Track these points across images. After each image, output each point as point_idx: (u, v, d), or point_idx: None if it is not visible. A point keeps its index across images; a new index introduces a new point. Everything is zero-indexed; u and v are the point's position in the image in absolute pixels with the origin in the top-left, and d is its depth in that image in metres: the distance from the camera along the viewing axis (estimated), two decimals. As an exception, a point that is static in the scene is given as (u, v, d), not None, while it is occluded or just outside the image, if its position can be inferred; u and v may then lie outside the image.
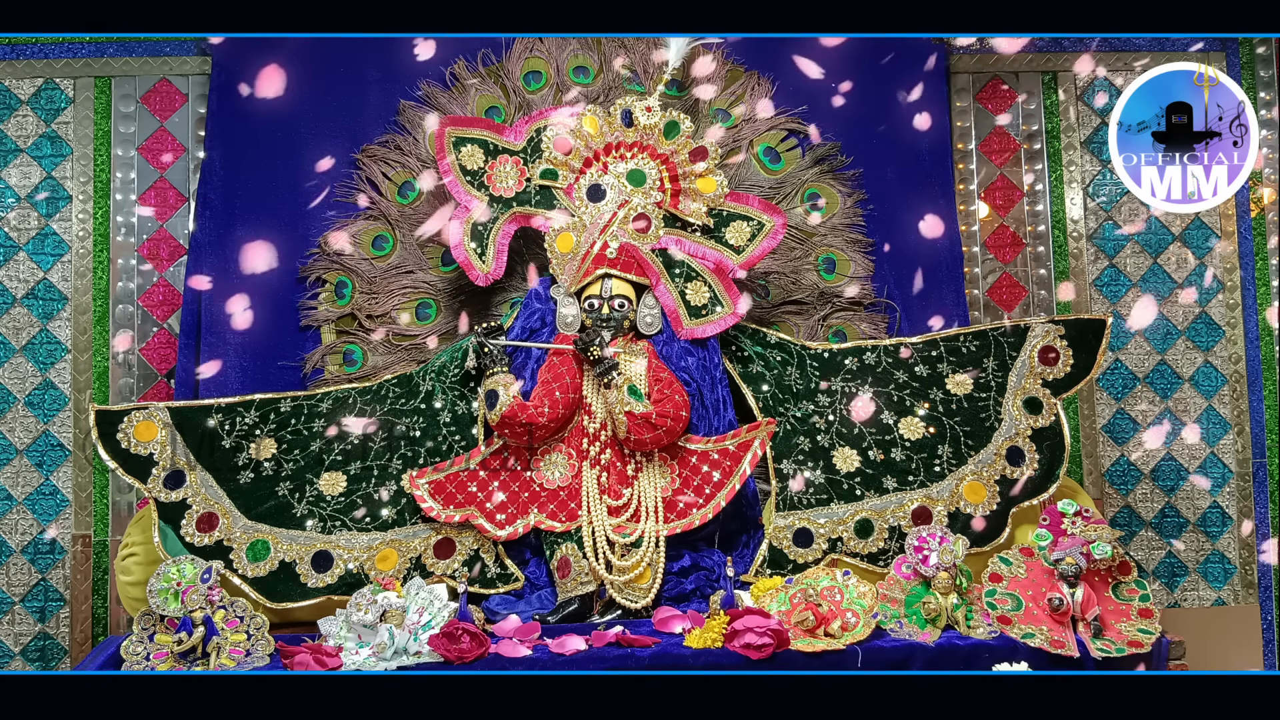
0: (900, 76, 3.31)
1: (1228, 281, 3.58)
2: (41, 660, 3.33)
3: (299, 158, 3.26)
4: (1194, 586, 3.55)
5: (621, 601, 2.88)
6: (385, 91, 3.30)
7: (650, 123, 3.10)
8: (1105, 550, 2.75)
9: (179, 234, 3.39)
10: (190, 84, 3.43)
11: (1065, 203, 3.58)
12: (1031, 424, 3.02)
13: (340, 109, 3.28)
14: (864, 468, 3.03)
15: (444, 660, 2.58)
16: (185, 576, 2.68)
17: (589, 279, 3.04)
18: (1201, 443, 3.54)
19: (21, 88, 3.41)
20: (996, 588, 2.76)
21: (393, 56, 3.27)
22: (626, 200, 3.07)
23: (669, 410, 2.91)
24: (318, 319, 3.25)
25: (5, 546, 3.33)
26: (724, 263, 3.10)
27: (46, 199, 3.31)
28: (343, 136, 3.29)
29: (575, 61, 3.35)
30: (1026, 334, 3.08)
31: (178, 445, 2.88)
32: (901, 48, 3.36)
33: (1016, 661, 2.55)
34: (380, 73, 3.29)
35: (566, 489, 2.95)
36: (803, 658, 2.58)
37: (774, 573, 2.96)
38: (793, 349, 3.15)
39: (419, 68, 3.29)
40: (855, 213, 3.38)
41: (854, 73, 3.25)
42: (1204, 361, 3.57)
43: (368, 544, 2.91)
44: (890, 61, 3.31)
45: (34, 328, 3.37)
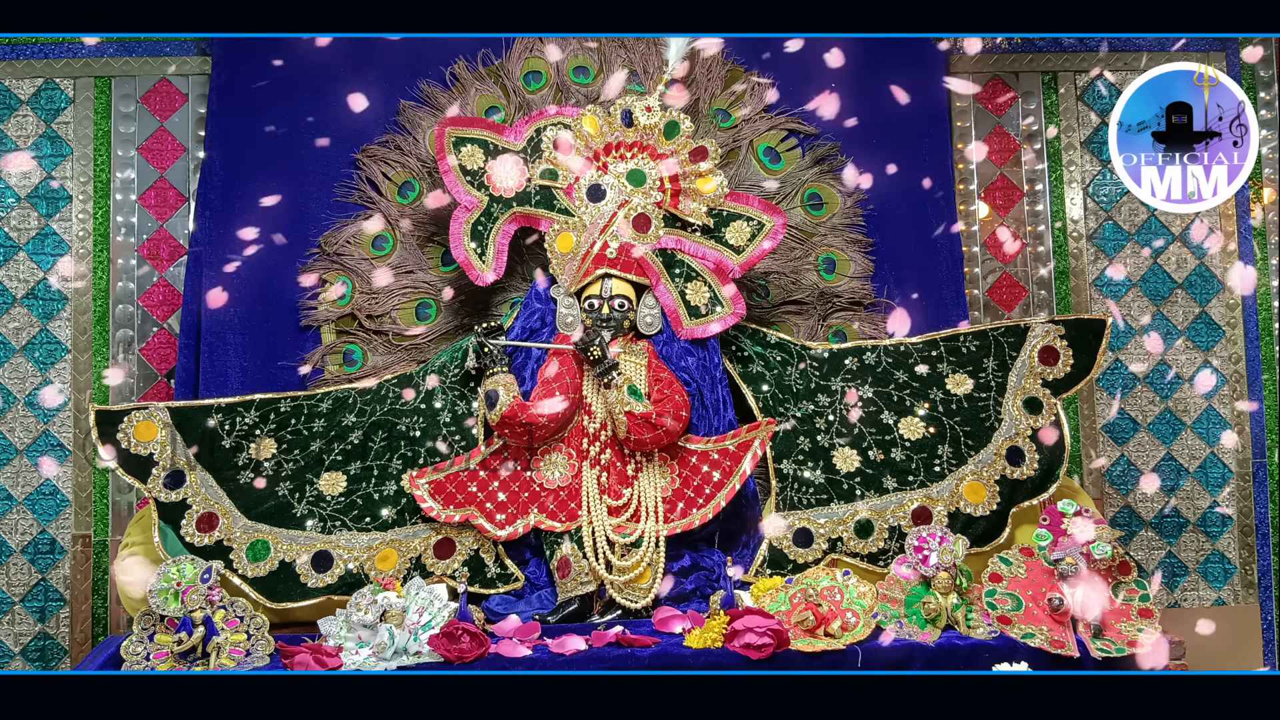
0: (900, 76, 3.30)
1: (1228, 282, 3.58)
2: (41, 660, 3.33)
3: (299, 158, 3.26)
4: (1194, 586, 3.55)
5: (621, 601, 2.88)
6: (385, 91, 3.30)
7: (650, 123, 3.10)
8: (1105, 550, 2.75)
9: (179, 234, 3.39)
10: (190, 84, 3.43)
11: (1065, 203, 3.58)
12: (1032, 424, 3.03)
13: (340, 109, 3.28)
14: (864, 468, 3.03)
15: (444, 660, 2.58)
16: (185, 576, 2.68)
17: (589, 279, 3.04)
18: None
19: (21, 88, 3.41)
20: (996, 588, 2.76)
21: (393, 56, 3.27)
22: (626, 200, 3.08)
23: (669, 410, 2.91)
24: (318, 319, 3.25)
25: (5, 546, 3.33)
26: (724, 263, 3.10)
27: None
28: (343, 136, 3.29)
29: (575, 61, 3.35)
30: (1026, 334, 3.08)
31: (178, 445, 2.88)
32: (902, 47, 3.36)
33: (1016, 661, 2.55)
34: (380, 73, 3.29)
35: (566, 489, 2.95)
36: (803, 658, 2.59)
37: (774, 573, 2.96)
38: (793, 349, 3.15)
39: (419, 68, 3.29)
40: (855, 213, 3.38)
41: (854, 72, 3.24)
42: (1204, 361, 3.57)
43: (368, 544, 2.91)
44: (890, 61, 3.31)
45: (34, 328, 3.37)
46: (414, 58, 3.30)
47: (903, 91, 3.19)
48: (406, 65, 3.29)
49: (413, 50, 3.28)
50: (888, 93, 3.18)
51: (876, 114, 3.29)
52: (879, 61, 3.28)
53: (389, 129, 3.31)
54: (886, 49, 3.32)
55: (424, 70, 3.32)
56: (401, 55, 3.27)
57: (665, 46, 3.20)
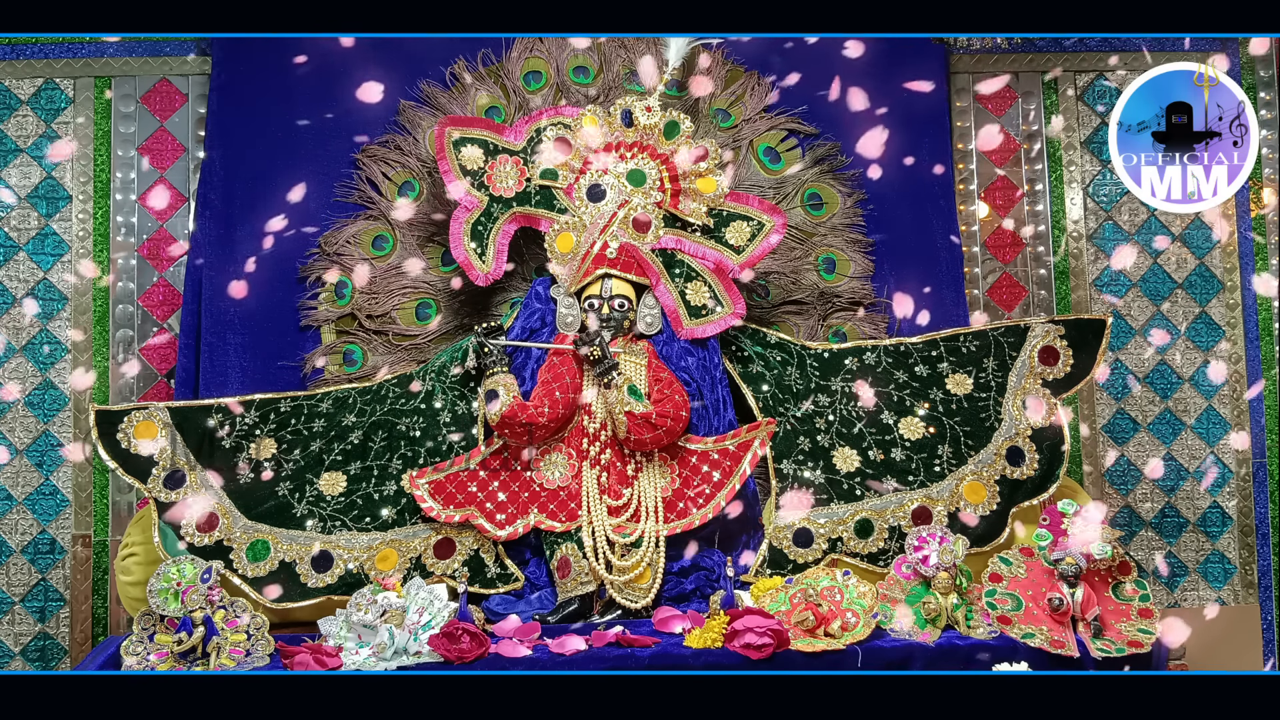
0: (900, 76, 3.30)
1: (1228, 282, 3.58)
2: (41, 660, 3.32)
3: (299, 158, 3.26)
4: (1194, 586, 3.55)
5: (621, 601, 2.88)
6: (385, 92, 3.30)
7: (650, 123, 3.10)
8: (1105, 550, 2.75)
9: (179, 234, 3.39)
10: (190, 84, 3.43)
11: (1065, 203, 3.58)
12: (1032, 424, 3.03)
13: (340, 109, 3.28)
14: (864, 468, 3.03)
15: (444, 660, 2.58)
16: (185, 576, 2.68)
17: (589, 279, 3.04)
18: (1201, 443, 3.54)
19: (21, 88, 3.41)
20: (996, 588, 2.76)
21: (393, 56, 3.27)
22: (626, 200, 3.07)
23: (669, 410, 2.91)
24: (318, 319, 3.25)
25: (5, 546, 3.33)
26: (724, 263, 3.10)
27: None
28: (343, 136, 3.29)
29: (575, 61, 3.35)
30: (1026, 334, 3.08)
31: (178, 445, 2.88)
32: (902, 47, 3.35)
33: (1016, 661, 2.55)
34: (380, 72, 3.29)
35: (566, 489, 2.95)
36: (803, 658, 2.59)
37: (774, 573, 2.96)
38: (793, 349, 3.15)
39: (419, 68, 3.29)
40: (855, 213, 3.38)
41: (854, 72, 3.24)
42: (1204, 361, 3.57)
43: (368, 544, 2.91)
44: (891, 61, 3.31)
45: (34, 328, 3.37)
46: (414, 57, 3.29)
47: (903, 91, 3.19)
48: (406, 65, 3.29)
49: (413, 50, 3.27)
50: (888, 93, 3.17)
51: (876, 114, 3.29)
52: (879, 61, 3.28)
53: (389, 129, 3.31)
54: (886, 49, 3.31)
55: (424, 70, 3.31)
56: (401, 55, 3.27)
57: (665, 46, 3.19)
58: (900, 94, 3.19)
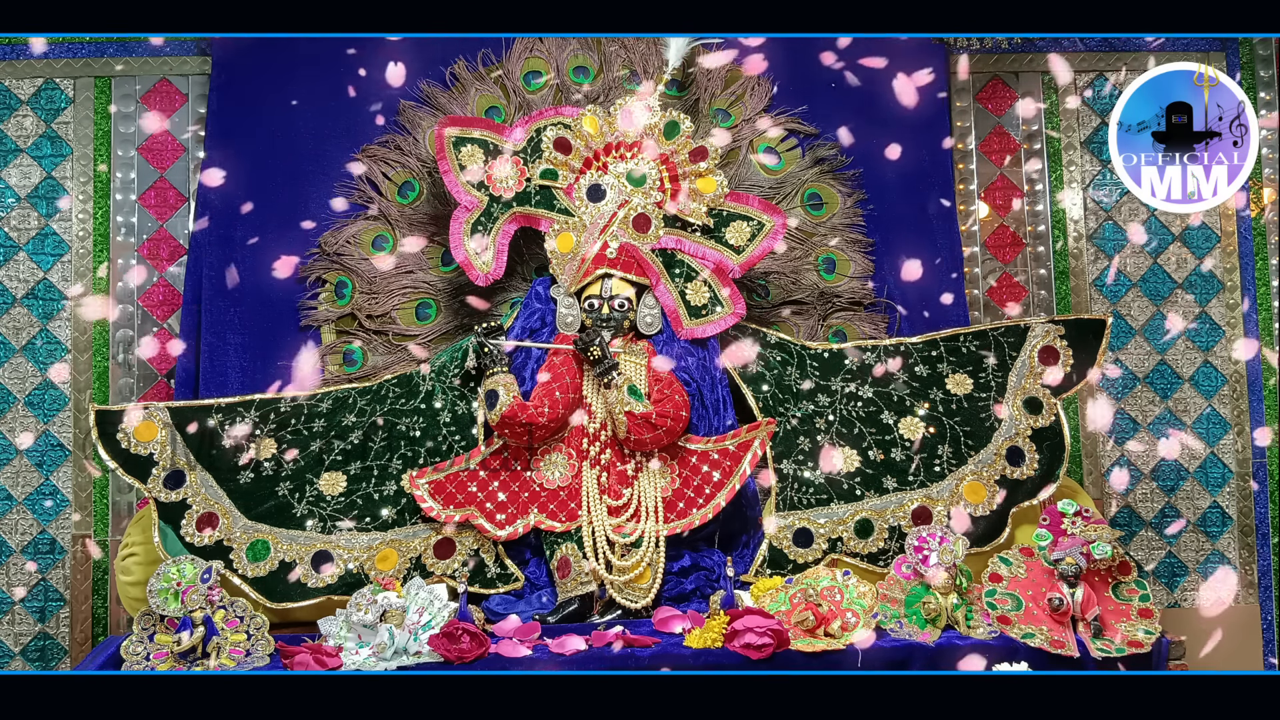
0: (900, 76, 3.30)
1: (1228, 282, 3.58)
2: (41, 660, 3.32)
3: (299, 158, 3.26)
4: (1194, 586, 3.55)
5: (621, 601, 2.88)
6: (386, 90, 3.30)
7: (650, 123, 3.10)
8: (1105, 550, 2.75)
9: (179, 234, 3.39)
10: (190, 84, 3.43)
11: (1065, 203, 3.58)
12: (1031, 424, 3.03)
13: (340, 109, 3.28)
14: (864, 468, 3.03)
15: (444, 660, 2.58)
16: (185, 576, 2.68)
17: (589, 279, 3.04)
18: (1200, 444, 3.54)
19: (21, 88, 3.41)
20: (996, 588, 2.76)
21: (393, 56, 3.27)
22: (626, 200, 3.07)
23: (669, 410, 2.91)
24: (318, 319, 3.25)
25: (5, 546, 3.33)
26: (724, 263, 3.10)
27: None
28: (343, 136, 3.29)
29: (575, 61, 3.35)
30: (1026, 334, 3.08)
31: (178, 445, 2.88)
32: (902, 47, 3.35)
33: (1016, 661, 2.55)
34: (380, 73, 3.29)
35: (566, 489, 2.95)
36: (803, 658, 2.59)
37: (774, 573, 2.96)
38: (793, 349, 3.15)
39: (419, 68, 3.29)
40: (855, 213, 3.37)
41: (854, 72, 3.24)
42: (1204, 361, 3.57)
43: (368, 544, 2.91)
44: (891, 61, 3.30)
45: (34, 328, 3.37)
46: (414, 57, 3.29)
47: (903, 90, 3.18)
48: (407, 65, 3.28)
49: (413, 50, 3.27)
50: (887, 92, 3.17)
51: (876, 113, 3.29)
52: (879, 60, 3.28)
53: (389, 129, 3.31)
54: (887, 49, 3.31)
55: (424, 70, 3.31)
56: (402, 55, 3.26)
57: (665, 46, 3.19)
58: (900, 94, 3.18)
